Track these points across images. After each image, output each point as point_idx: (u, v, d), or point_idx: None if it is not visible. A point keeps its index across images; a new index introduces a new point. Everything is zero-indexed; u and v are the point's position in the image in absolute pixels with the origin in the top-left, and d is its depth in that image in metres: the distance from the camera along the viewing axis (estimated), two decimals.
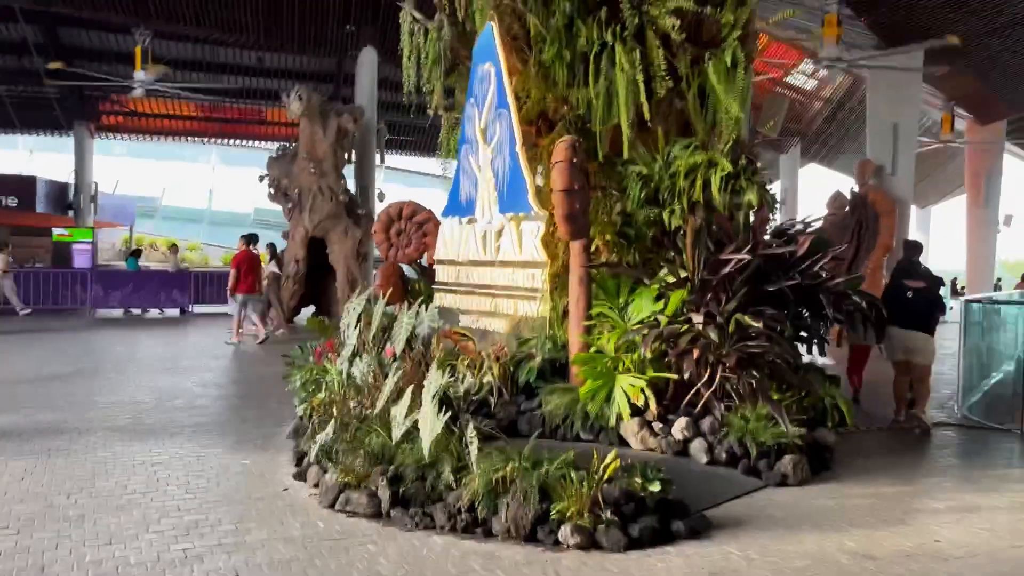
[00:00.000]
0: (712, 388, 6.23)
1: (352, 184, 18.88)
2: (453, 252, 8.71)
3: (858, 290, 7.56)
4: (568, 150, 6.55)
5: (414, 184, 34.88)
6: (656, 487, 4.70)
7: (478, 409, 6.51)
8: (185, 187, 44.57)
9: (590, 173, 7.27)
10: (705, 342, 6.13)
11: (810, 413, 6.48)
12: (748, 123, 7.64)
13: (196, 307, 19.61)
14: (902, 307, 7.99)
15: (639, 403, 6.13)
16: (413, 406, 5.33)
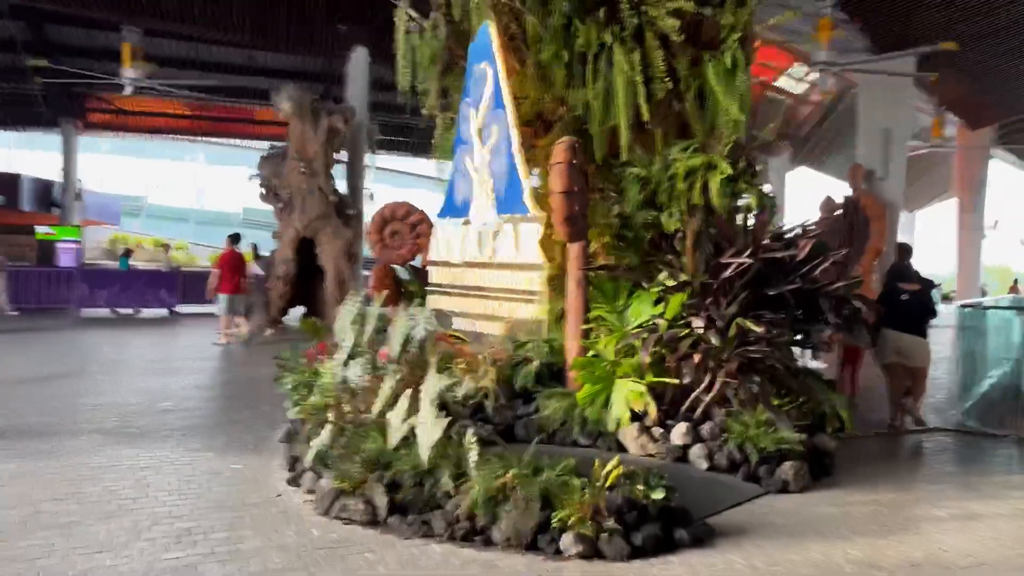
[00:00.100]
0: (712, 393, 6.15)
1: (342, 184, 18.72)
2: (448, 254, 8.61)
3: (854, 294, 7.53)
4: (568, 151, 6.46)
5: (405, 185, 34.73)
6: (659, 495, 4.61)
7: (474, 414, 6.40)
8: (172, 186, 44.29)
9: (588, 175, 7.19)
10: (706, 347, 6.06)
11: (809, 418, 6.43)
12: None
13: (184, 307, 19.42)
14: (896, 310, 8.02)
15: (639, 409, 6.05)
16: (410, 411, 5.23)
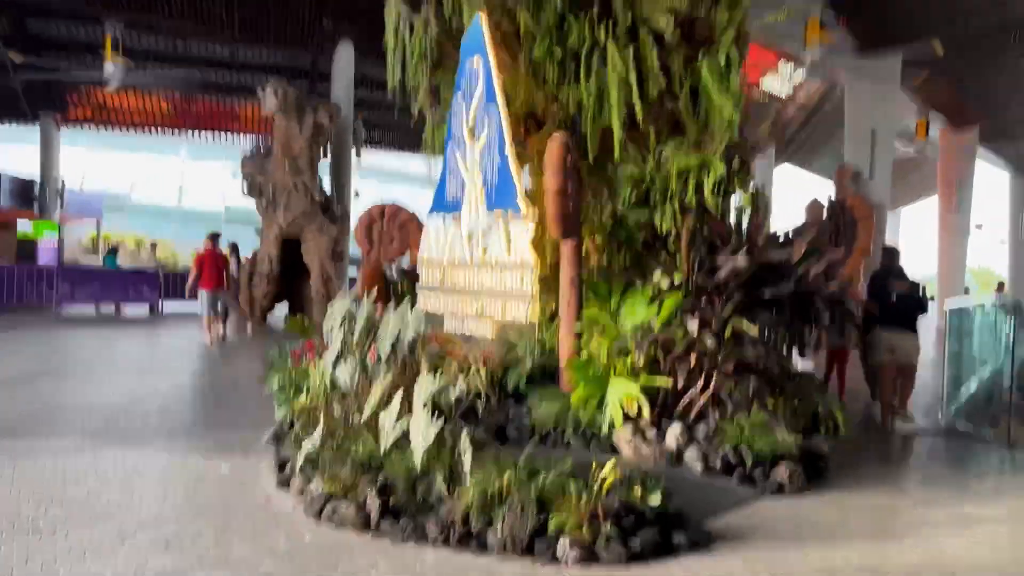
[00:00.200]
0: (706, 395, 6.09)
1: (328, 182, 18.58)
2: (438, 253, 8.50)
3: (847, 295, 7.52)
4: (562, 148, 6.38)
5: (391, 183, 34.54)
6: (657, 498, 4.54)
7: (465, 415, 6.31)
8: (155, 182, 43.82)
9: (580, 174, 7.11)
10: (701, 348, 6.00)
11: (803, 420, 6.38)
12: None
13: (168, 305, 19.22)
14: (887, 309, 8.05)
15: (633, 411, 5.97)
16: (403, 412, 5.13)
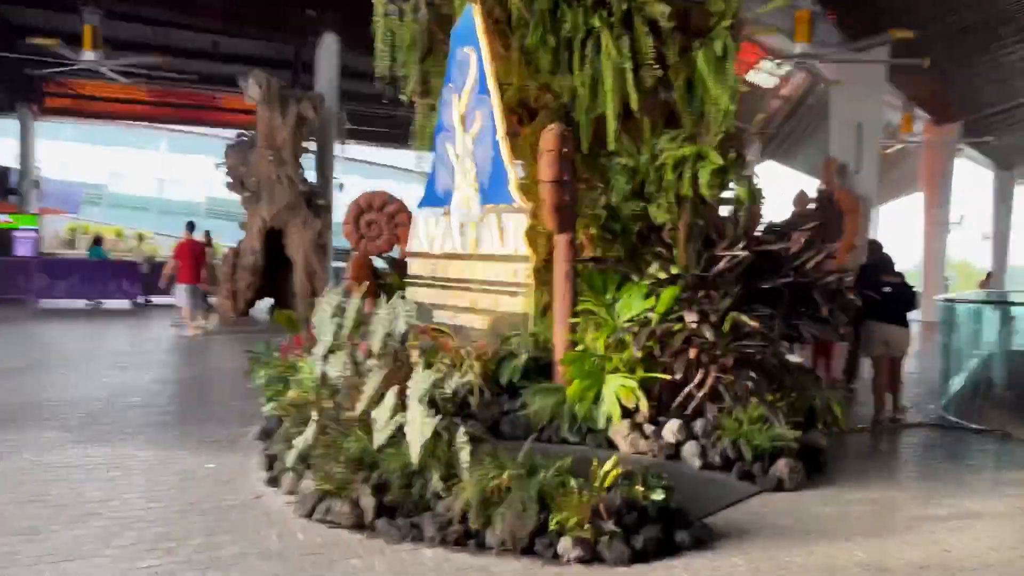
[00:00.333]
0: (705, 389, 6.00)
1: (312, 174, 18.33)
2: (428, 245, 8.36)
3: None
4: (557, 139, 6.26)
5: (376, 176, 34.21)
6: (659, 495, 4.44)
7: (458, 410, 6.19)
8: (134, 174, 43.21)
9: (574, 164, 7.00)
10: (699, 341, 5.91)
11: (801, 415, 6.31)
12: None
13: (150, 298, 18.96)
14: (880, 302, 8.01)
15: (630, 405, 5.88)
16: (397, 408, 5.01)
